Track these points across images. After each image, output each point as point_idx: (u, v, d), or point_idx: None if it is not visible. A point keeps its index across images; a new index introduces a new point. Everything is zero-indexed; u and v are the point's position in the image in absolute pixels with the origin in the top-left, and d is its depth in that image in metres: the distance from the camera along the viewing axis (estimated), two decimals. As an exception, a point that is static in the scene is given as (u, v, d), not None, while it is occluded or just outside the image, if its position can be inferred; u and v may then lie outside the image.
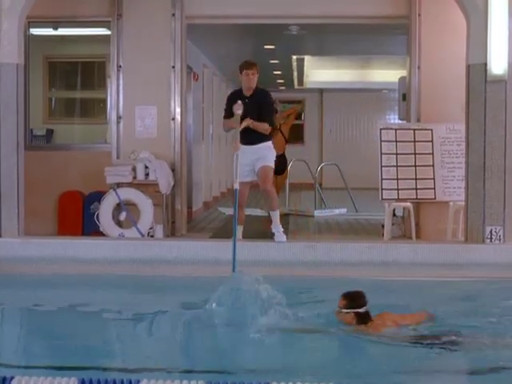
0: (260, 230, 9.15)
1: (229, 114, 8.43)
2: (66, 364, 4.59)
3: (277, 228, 8.40)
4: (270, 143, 8.56)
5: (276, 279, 7.31)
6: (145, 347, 5.09)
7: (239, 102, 8.18)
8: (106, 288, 6.94)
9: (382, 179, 9.65)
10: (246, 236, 8.70)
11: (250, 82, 8.40)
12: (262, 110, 8.38)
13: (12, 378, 3.49)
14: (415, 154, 9.70)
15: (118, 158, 10.00)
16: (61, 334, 5.30)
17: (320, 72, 19.80)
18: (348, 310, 5.11)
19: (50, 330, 5.40)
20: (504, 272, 7.51)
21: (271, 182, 8.70)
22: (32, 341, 5.19)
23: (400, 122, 11.17)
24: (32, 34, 10.45)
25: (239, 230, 8.62)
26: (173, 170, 9.91)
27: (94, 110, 11.76)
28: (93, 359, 4.73)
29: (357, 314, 5.12)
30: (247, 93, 8.46)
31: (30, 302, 6.34)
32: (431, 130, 9.73)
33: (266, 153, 8.48)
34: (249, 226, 9.48)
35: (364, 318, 5.16)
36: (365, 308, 5.15)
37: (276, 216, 8.47)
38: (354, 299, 5.16)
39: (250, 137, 8.31)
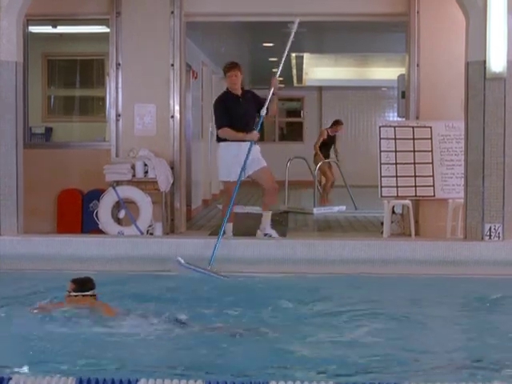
0: (256, 228, 9.19)
1: (229, 121, 8.75)
2: (64, 363, 4.59)
3: (268, 230, 8.65)
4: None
5: (275, 277, 7.40)
6: (144, 346, 5.08)
7: None
8: (105, 285, 6.94)
9: (381, 177, 9.65)
10: (243, 234, 8.72)
11: (234, 83, 8.84)
12: (260, 102, 8.88)
13: (10, 378, 3.48)
14: (414, 151, 9.70)
15: (117, 155, 9.99)
16: (58, 332, 5.30)
17: (319, 70, 19.80)
18: (77, 294, 5.70)
19: (48, 328, 5.39)
20: (503, 269, 7.52)
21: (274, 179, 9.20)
22: (30, 339, 5.18)
23: (399, 119, 11.17)
24: (31, 32, 10.45)
25: (230, 227, 8.86)
26: (172, 168, 9.91)
27: (93, 108, 11.75)
28: (91, 358, 4.73)
29: (85, 296, 5.72)
30: (237, 92, 8.84)
31: (29, 299, 6.34)
32: (430, 127, 9.73)
33: (259, 155, 8.90)
34: (246, 223, 9.48)
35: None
36: (92, 291, 5.75)
37: (269, 216, 8.88)
38: (82, 284, 5.76)
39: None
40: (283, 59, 8.58)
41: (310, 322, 5.83)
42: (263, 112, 8.72)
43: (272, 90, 8.77)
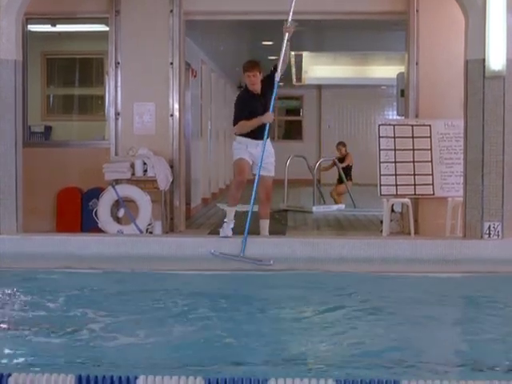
0: (255, 226, 9.21)
1: (247, 116, 8.51)
2: (63, 360, 4.59)
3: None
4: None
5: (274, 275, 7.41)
6: (143, 344, 5.08)
7: None
8: (102, 284, 6.95)
9: (380, 175, 9.65)
10: (241, 232, 8.71)
11: (253, 84, 8.59)
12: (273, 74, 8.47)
13: (9, 374, 3.48)
14: (413, 149, 9.70)
15: (116, 154, 9.99)
16: (58, 330, 5.30)
17: (318, 68, 19.79)
18: None
19: (48, 326, 5.40)
20: (502, 267, 7.52)
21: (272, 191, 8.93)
22: (29, 337, 5.19)
23: (398, 117, 11.18)
24: (30, 31, 10.44)
25: (233, 210, 8.76)
26: (171, 167, 9.91)
27: (93, 106, 11.76)
28: (90, 355, 4.73)
29: None
30: (256, 91, 8.60)
31: (28, 298, 6.35)
32: (429, 125, 9.73)
33: (271, 161, 8.58)
34: (243, 222, 9.47)
35: None
36: None
37: (267, 224, 8.72)
38: None
39: (261, 133, 8.35)
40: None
41: (309, 320, 5.84)
42: (277, 77, 8.28)
43: (286, 38, 8.25)
